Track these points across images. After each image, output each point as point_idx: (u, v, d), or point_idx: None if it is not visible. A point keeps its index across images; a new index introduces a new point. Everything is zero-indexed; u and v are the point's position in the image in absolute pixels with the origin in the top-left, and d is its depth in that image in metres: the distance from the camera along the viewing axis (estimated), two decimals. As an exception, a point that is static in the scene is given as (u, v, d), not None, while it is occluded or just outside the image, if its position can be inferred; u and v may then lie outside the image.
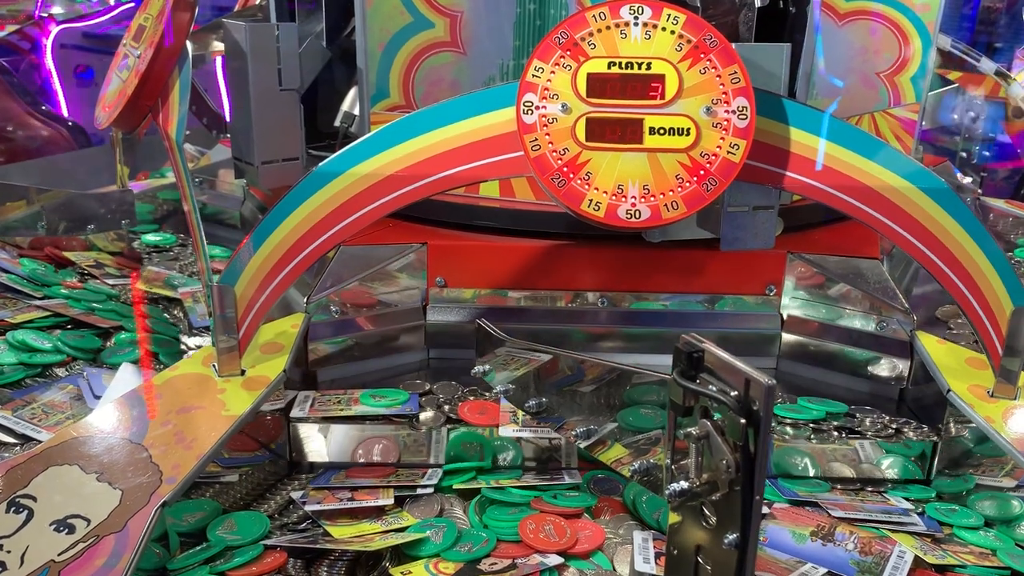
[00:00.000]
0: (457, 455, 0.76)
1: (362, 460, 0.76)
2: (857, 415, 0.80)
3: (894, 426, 0.79)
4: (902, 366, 0.84)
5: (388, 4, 0.87)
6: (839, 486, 0.76)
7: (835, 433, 0.78)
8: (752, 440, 0.45)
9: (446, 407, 0.79)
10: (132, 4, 2.68)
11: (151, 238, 1.27)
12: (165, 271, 1.15)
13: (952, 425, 0.77)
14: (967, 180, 1.53)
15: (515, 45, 0.88)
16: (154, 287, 1.08)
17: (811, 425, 0.79)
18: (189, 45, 0.85)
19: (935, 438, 0.77)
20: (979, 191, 1.45)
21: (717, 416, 0.48)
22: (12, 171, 1.40)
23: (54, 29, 2.35)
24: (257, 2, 1.32)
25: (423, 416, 0.77)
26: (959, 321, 1.01)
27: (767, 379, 0.44)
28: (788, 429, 0.78)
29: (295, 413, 0.76)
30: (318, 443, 0.76)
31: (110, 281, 1.10)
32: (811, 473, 0.77)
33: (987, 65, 1.27)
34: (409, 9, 0.88)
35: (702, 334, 0.84)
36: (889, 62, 0.97)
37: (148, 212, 1.33)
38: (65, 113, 2.22)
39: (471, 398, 0.81)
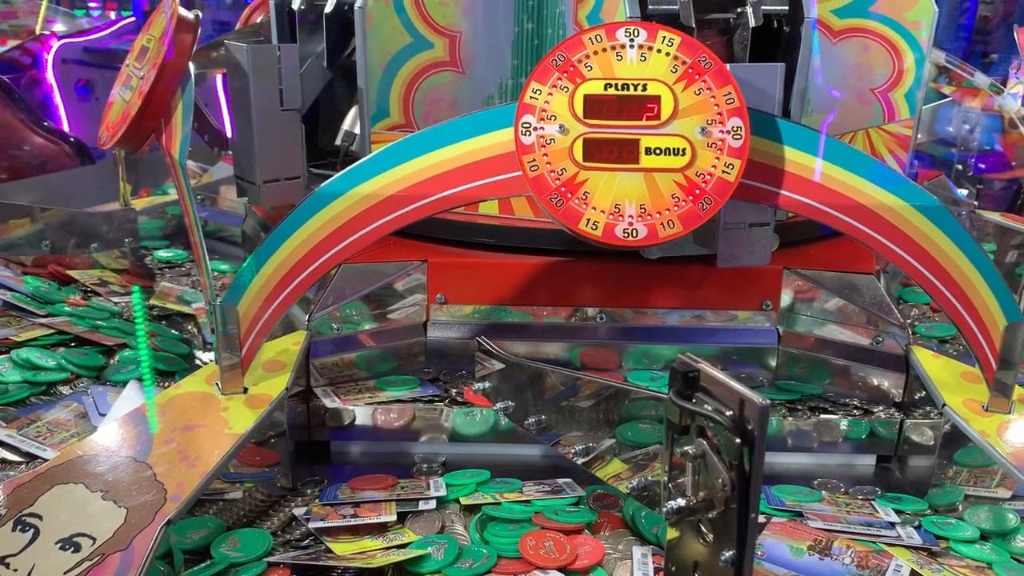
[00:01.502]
0: (463, 427, 0.82)
1: (381, 421, 0.82)
2: (830, 395, 0.86)
3: (864, 407, 0.84)
4: (897, 380, 0.85)
5: (388, 25, 0.89)
6: (827, 492, 0.78)
7: (808, 413, 0.83)
8: (747, 459, 0.46)
9: (453, 391, 0.85)
10: (133, 19, 2.70)
11: (163, 254, 1.28)
12: (178, 287, 1.16)
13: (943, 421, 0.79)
14: (963, 192, 1.54)
15: (513, 64, 0.89)
16: (168, 302, 1.10)
17: (787, 405, 0.84)
18: (192, 65, 0.86)
19: (901, 416, 0.82)
20: (975, 203, 1.46)
21: (713, 434, 0.49)
22: (15, 189, 1.41)
23: (55, 44, 2.36)
24: (258, 21, 1.33)
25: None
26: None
27: (761, 399, 0.45)
28: None
29: (327, 403, 0.82)
30: (341, 416, 0.83)
31: (114, 299, 1.11)
32: (772, 424, 0.81)
33: (981, 79, 1.29)
34: (408, 30, 0.89)
35: (700, 349, 0.85)
36: (883, 78, 0.98)
37: (158, 228, 1.35)
38: (67, 128, 2.23)
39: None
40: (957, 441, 0.79)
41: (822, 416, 0.83)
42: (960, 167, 1.66)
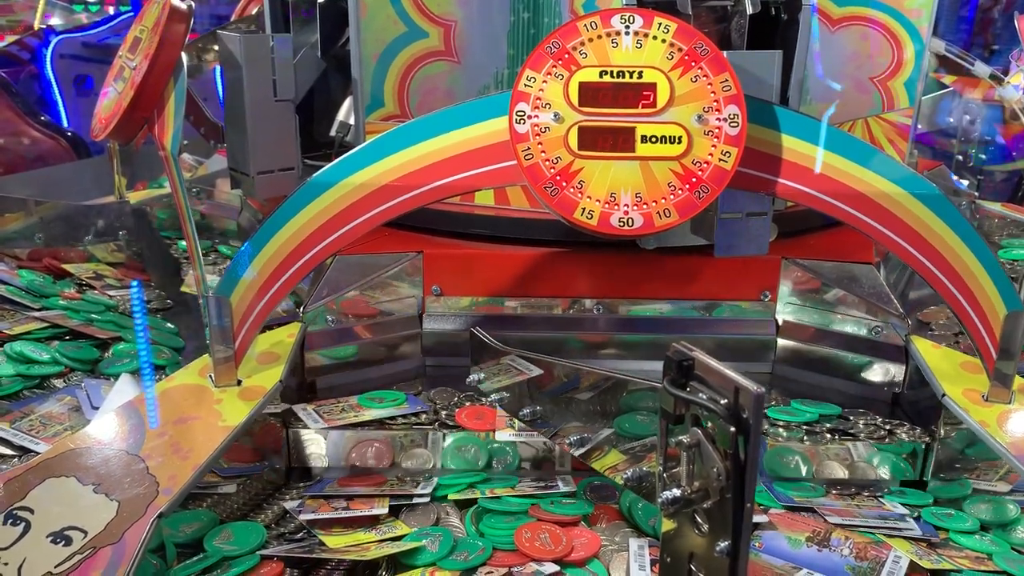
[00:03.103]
0: (455, 460, 0.77)
1: (357, 463, 0.77)
2: (850, 417, 0.81)
3: (887, 427, 0.80)
4: (897, 370, 0.85)
5: (382, 14, 0.88)
6: (835, 491, 0.77)
7: (828, 435, 0.78)
8: (742, 448, 0.45)
9: (443, 413, 0.80)
10: (131, 14, 2.69)
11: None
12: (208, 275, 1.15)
13: (942, 428, 0.77)
14: (964, 183, 1.53)
15: (509, 54, 0.88)
16: (194, 291, 1.09)
17: (804, 427, 0.80)
18: (184, 56, 0.85)
19: (927, 439, 0.78)
20: (975, 194, 1.46)
21: (707, 424, 0.48)
22: (10, 182, 1.40)
23: (53, 39, 2.35)
24: (253, 12, 1.32)
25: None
26: (941, 323, 1.02)
27: (756, 387, 0.44)
28: (781, 431, 0.78)
29: (310, 424, 0.77)
30: (317, 448, 0.78)
31: (109, 292, 1.11)
32: (803, 472, 0.77)
33: (981, 69, 1.28)
34: (403, 19, 0.88)
35: (698, 340, 0.84)
36: (882, 67, 0.97)
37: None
38: (65, 123, 2.22)
39: (468, 404, 0.81)
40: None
41: (856, 459, 0.78)
42: (961, 158, 1.65)
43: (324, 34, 1.01)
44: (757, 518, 0.70)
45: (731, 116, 0.69)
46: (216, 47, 1.28)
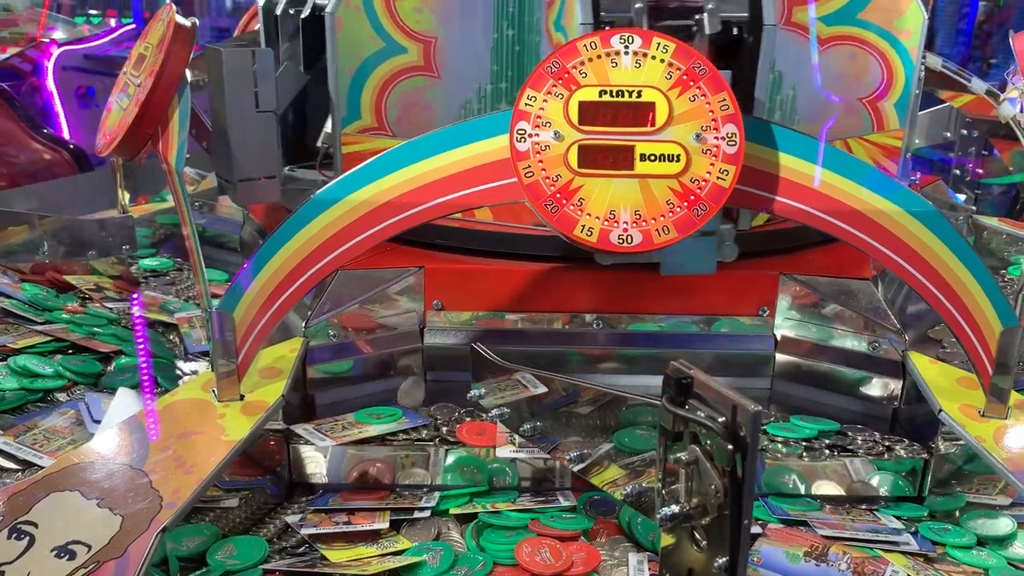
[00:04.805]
0: (455, 478, 0.77)
1: (357, 478, 0.77)
2: (849, 433, 0.81)
3: (886, 443, 0.80)
4: (894, 386, 0.85)
5: (359, 30, 0.88)
6: (829, 506, 0.77)
7: (827, 451, 0.79)
8: (740, 465, 0.46)
9: (444, 429, 0.80)
10: (133, 26, 2.70)
11: (148, 263, 1.28)
12: (162, 296, 1.16)
13: (941, 443, 0.78)
14: (961, 198, 1.54)
15: (493, 69, 0.89)
16: (150, 312, 1.09)
17: (803, 443, 0.80)
18: (188, 73, 0.86)
19: (926, 455, 0.78)
20: (973, 209, 1.46)
21: (706, 441, 0.49)
22: (13, 196, 1.41)
23: (55, 51, 2.36)
24: (256, 27, 1.34)
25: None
26: (952, 339, 1.02)
27: (754, 405, 0.45)
28: (780, 447, 0.79)
29: (317, 443, 0.77)
30: (318, 465, 0.78)
31: (110, 305, 1.11)
32: (801, 490, 0.78)
33: (977, 85, 1.28)
34: (380, 35, 0.88)
35: (697, 355, 0.84)
36: (871, 87, 0.98)
37: (145, 236, 1.35)
38: (67, 135, 2.23)
39: (468, 419, 0.82)
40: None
41: (854, 476, 0.78)
42: (958, 172, 1.66)
43: (307, 48, 1.02)
44: (753, 531, 0.71)
45: (729, 135, 0.70)
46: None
